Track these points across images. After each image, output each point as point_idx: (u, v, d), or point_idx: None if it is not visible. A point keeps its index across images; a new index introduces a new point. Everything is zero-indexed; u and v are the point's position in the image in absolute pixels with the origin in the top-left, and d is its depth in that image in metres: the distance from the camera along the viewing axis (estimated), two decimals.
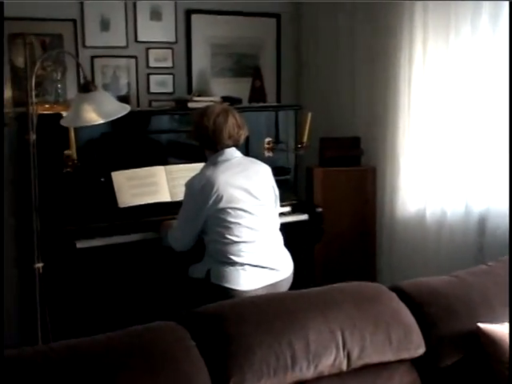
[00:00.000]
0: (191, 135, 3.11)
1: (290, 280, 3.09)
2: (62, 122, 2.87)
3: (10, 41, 3.76)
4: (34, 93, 2.70)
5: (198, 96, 3.73)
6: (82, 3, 3.91)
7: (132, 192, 3.45)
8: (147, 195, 3.48)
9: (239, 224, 2.92)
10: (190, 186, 2.97)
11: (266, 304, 2.08)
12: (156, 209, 3.47)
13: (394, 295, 2.22)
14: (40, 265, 2.77)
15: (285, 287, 3.07)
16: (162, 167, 3.57)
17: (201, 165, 3.57)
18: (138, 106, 4.12)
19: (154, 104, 4.18)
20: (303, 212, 3.78)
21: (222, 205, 2.90)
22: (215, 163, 2.99)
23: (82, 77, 3.78)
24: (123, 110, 2.86)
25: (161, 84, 4.23)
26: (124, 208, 3.41)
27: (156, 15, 4.16)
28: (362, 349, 2.03)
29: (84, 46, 3.95)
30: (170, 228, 3.18)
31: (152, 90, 4.20)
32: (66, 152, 3.27)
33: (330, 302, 2.10)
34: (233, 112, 3.06)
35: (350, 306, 2.10)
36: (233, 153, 3.03)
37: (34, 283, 2.79)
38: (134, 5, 4.07)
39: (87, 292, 3.25)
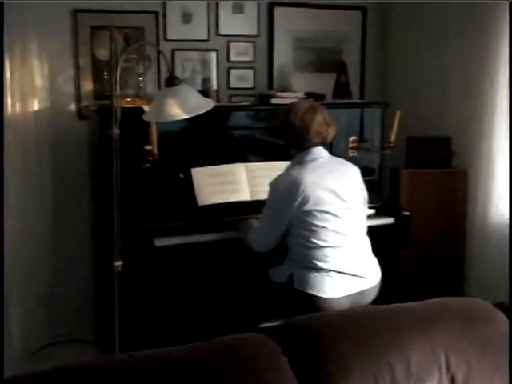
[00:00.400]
0: (277, 133, 2.97)
1: (377, 289, 2.92)
2: (145, 117, 2.78)
3: (91, 33, 3.72)
4: (118, 86, 2.60)
5: (282, 92, 3.58)
6: None
7: (211, 189, 3.34)
8: (227, 193, 3.37)
9: (326, 228, 2.77)
10: (274, 185, 2.84)
11: (363, 319, 1.91)
12: (235, 208, 3.36)
13: (501, 315, 2.02)
14: (119, 263, 2.68)
15: (371, 296, 2.90)
16: (242, 165, 3.45)
17: (283, 163, 3.44)
18: (218, 101, 4.01)
19: (233, 99, 4.07)
20: (388, 215, 3.59)
21: (308, 207, 2.75)
22: (301, 162, 2.85)
23: (166, 71, 3.75)
24: (207, 105, 2.75)
25: (241, 78, 4.11)
26: (203, 206, 3.31)
27: (238, 8, 4.04)
28: (467, 375, 1.84)
29: (165, 39, 3.87)
30: (250, 227, 3.06)
31: (232, 85, 4.09)
32: (146, 147, 3.20)
33: (433, 320, 1.92)
34: (321, 109, 2.91)
35: (455, 325, 1.92)
36: (320, 152, 2.88)
37: (112, 282, 2.70)
38: None
39: (164, 292, 3.17)
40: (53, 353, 3.70)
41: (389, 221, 3.56)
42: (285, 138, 2.92)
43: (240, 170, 3.44)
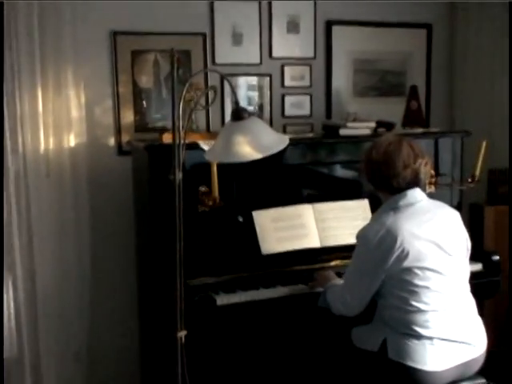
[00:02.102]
0: (365, 176, 2.52)
1: (484, 357, 2.45)
2: (209, 157, 2.34)
3: (132, 58, 3.32)
4: (180, 122, 2.16)
5: (353, 121, 3.14)
6: (212, 15, 3.43)
7: (277, 236, 2.91)
8: (294, 240, 2.93)
9: (428, 288, 2.31)
10: (364, 237, 2.38)
11: None
12: (302, 256, 2.92)
13: None
14: (183, 333, 2.23)
15: (477, 366, 2.44)
16: (309, 206, 3.02)
17: (355, 203, 3.06)
18: None
19: (288, 129, 3.65)
20: (475, 260, 3.11)
21: (407, 263, 2.29)
22: (395, 208, 2.39)
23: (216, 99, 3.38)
24: (282, 142, 2.29)
25: (296, 106, 3.69)
26: (267, 255, 2.87)
27: (293, 27, 3.62)
28: None
29: (213, 63, 3.46)
30: (328, 284, 2.62)
31: (287, 113, 3.67)
32: (201, 188, 2.79)
33: None
34: (408, 140, 2.47)
35: None
36: (416, 195, 2.42)
37: (174, 354, 2.25)
38: (270, 16, 3.55)
39: (228, 362, 2.71)
40: None
41: (477, 267, 3.08)
42: (372, 181, 2.47)
43: (307, 211, 3.01)
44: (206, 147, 2.77)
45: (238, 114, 2.26)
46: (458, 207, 3.41)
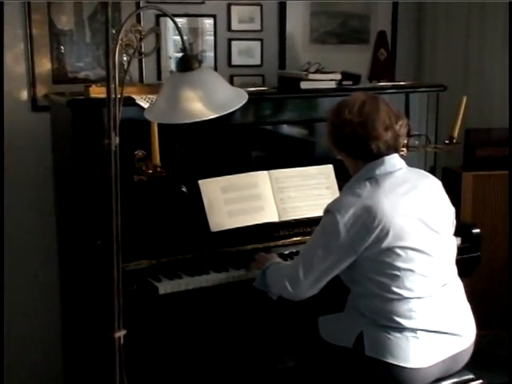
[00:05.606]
0: (329, 141, 2.31)
1: (472, 348, 2.33)
2: (150, 117, 2.08)
3: None
4: (117, 73, 1.89)
5: (316, 72, 2.92)
6: None
7: (228, 209, 2.69)
8: (249, 214, 2.72)
9: (412, 271, 2.14)
10: (334, 212, 2.14)
11: None
12: (258, 232, 2.72)
13: None
14: (122, 333, 2.00)
15: (466, 358, 2.31)
16: (265, 173, 2.82)
17: (317, 169, 2.87)
18: None
19: (236, 80, 3.41)
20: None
21: (387, 243, 2.11)
22: (371, 178, 2.19)
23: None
24: (240, 98, 2.06)
25: (245, 53, 3.45)
26: (216, 232, 2.66)
27: None
28: None
29: (148, 0, 3.17)
30: (268, 263, 2.45)
31: (234, 62, 3.43)
32: (137, 153, 2.54)
33: None
34: (382, 98, 2.29)
35: None
36: (395, 162, 2.24)
37: (112, 357, 2.02)
38: None
39: (174, 363, 2.50)
40: None
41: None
42: (340, 146, 2.26)
43: (263, 179, 2.80)
44: (143, 103, 2.51)
45: (187, 62, 2.01)
46: (431, 173, 3.28)
